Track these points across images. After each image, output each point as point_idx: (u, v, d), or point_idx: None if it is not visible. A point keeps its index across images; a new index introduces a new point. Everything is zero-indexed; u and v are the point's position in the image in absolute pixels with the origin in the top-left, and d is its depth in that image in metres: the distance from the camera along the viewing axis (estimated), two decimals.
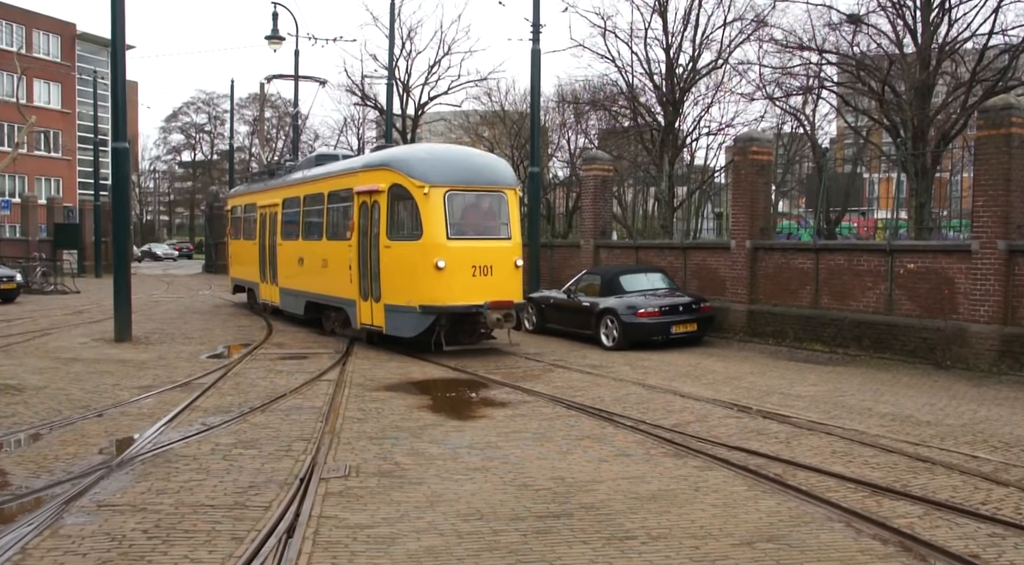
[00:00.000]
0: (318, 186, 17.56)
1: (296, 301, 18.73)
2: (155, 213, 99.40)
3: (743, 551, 5.44)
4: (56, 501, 6.33)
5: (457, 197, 14.18)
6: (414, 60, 40.40)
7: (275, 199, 20.36)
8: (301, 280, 18.37)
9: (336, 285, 16.20)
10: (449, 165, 14.42)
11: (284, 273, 19.48)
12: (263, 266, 21.30)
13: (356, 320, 15.51)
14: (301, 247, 18.37)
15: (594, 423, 9.22)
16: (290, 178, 20.07)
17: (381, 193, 14.47)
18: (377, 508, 6.25)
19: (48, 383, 11.48)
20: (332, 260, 16.42)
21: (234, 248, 25.72)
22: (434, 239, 13.77)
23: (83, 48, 61.54)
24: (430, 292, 13.82)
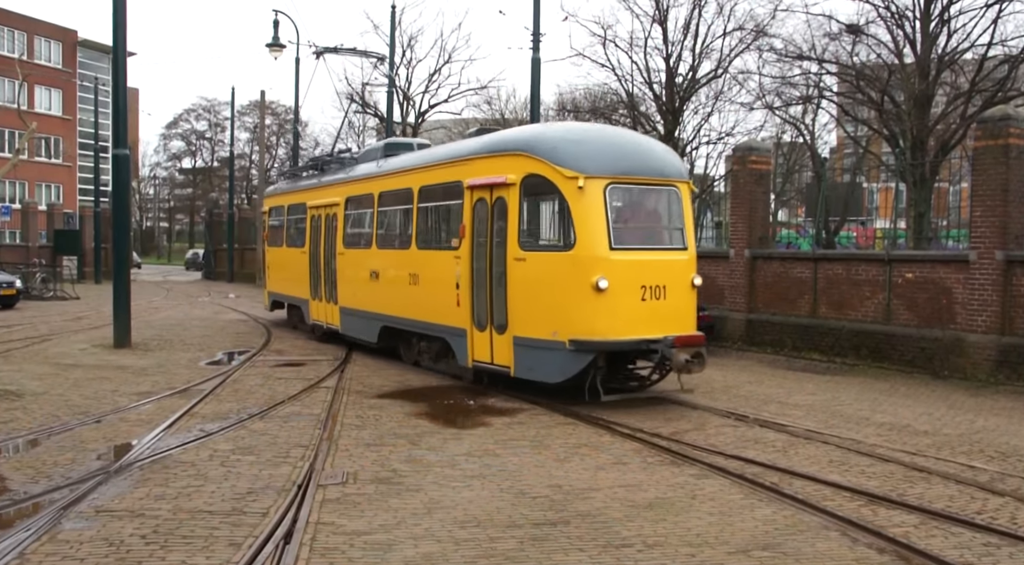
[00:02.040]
0: (403, 180, 13.97)
1: (366, 325, 15.06)
2: (155, 220, 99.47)
3: (739, 559, 5.46)
4: (54, 506, 6.34)
5: (621, 192, 10.76)
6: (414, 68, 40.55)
7: (333, 198, 16.67)
8: (375, 299, 14.69)
9: (433, 307, 12.55)
10: (610, 149, 10.89)
11: (348, 289, 15.83)
12: (316, 280, 17.55)
13: (466, 355, 11.78)
14: (375, 257, 14.79)
15: (591, 431, 9.24)
16: (356, 172, 16.33)
17: (510, 187, 10.96)
18: (374, 515, 6.27)
19: (47, 389, 11.50)
20: (428, 275, 12.85)
21: (273, 257, 21.44)
22: (592, 249, 10.22)
23: (84, 55, 61.76)
24: (586, 322, 10.21)
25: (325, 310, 17.04)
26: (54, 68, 56.77)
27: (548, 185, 10.70)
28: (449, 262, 12.02)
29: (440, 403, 11.07)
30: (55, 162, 57.83)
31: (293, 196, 19.75)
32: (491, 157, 11.51)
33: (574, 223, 10.34)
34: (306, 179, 19.79)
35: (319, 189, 17.79)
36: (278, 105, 68.85)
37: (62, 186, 58.94)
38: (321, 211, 17.34)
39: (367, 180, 15.45)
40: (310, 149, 66.33)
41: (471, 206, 11.65)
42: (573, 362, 10.30)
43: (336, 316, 16.41)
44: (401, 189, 13.94)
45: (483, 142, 12.06)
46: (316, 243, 17.55)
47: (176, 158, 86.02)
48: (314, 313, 17.73)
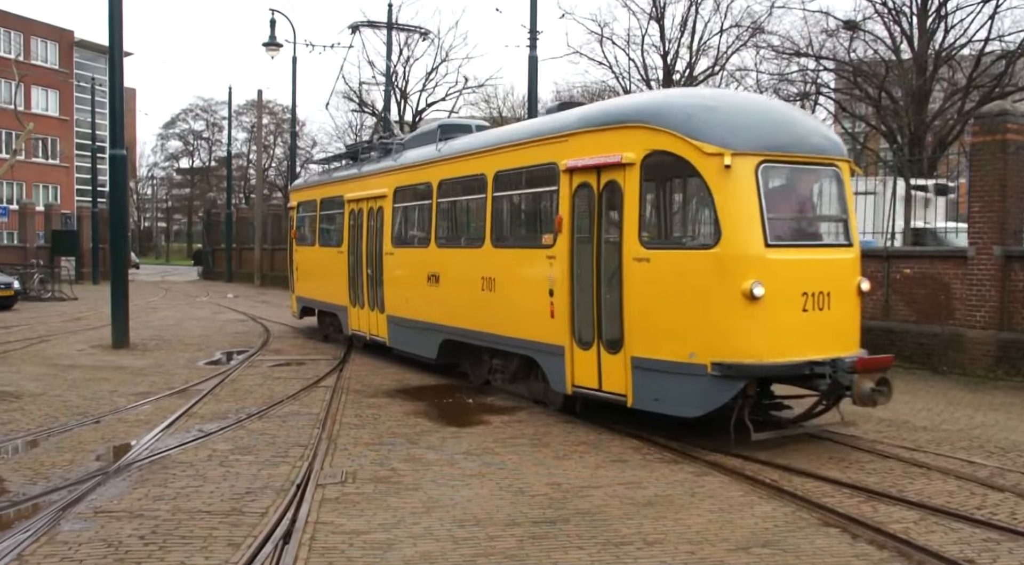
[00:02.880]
0: (472, 164, 11.61)
1: (422, 338, 12.77)
2: (153, 220, 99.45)
3: (738, 556, 5.46)
4: (53, 508, 6.33)
5: (776, 173, 8.49)
6: (411, 67, 40.46)
7: (378, 188, 14.42)
8: (435, 307, 12.33)
9: (516, 318, 10.38)
10: (761, 117, 8.78)
11: (399, 296, 13.52)
12: (356, 284, 15.30)
13: (563, 378, 9.51)
14: (435, 258, 12.43)
15: (590, 429, 9.23)
16: (406, 158, 13.91)
17: (626, 168, 8.72)
18: (374, 514, 6.26)
19: (45, 390, 11.48)
20: (508, 279, 10.69)
21: (303, 258, 18.92)
22: (743, 246, 8.04)
23: (81, 55, 61.74)
24: (735, 339, 8.01)
25: (368, 319, 14.79)
26: (51, 69, 56.73)
27: (680, 164, 8.59)
28: (539, 263, 9.87)
29: (439, 402, 11.06)
30: (52, 163, 57.79)
31: (327, 188, 17.40)
32: (598, 132, 9.26)
33: (718, 212, 8.11)
34: (342, 169, 17.33)
35: (359, 180, 15.56)
36: (275, 104, 68.87)
37: (59, 187, 58.92)
38: (362, 204, 15.09)
39: (423, 167, 13.04)
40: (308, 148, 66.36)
41: (570, 193, 9.49)
42: (717, 391, 8.02)
43: (382, 326, 14.09)
44: (470, 176, 11.67)
45: (585, 114, 9.82)
46: (356, 241, 15.31)
47: (174, 158, 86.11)
48: (354, 322, 15.46)
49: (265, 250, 41.76)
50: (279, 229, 41.75)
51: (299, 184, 20.86)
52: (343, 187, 16.31)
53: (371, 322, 14.67)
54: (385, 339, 14.04)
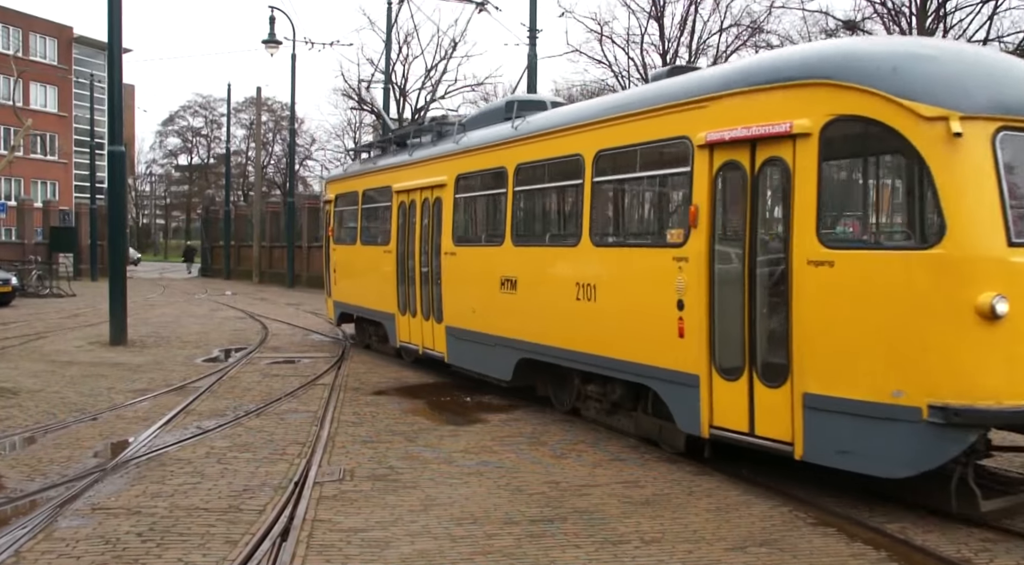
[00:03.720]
0: (564, 143, 9.34)
1: (492, 355, 10.65)
2: (151, 217, 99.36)
3: (736, 556, 5.46)
4: (50, 504, 6.33)
5: (1018, 145, 6.26)
6: (411, 64, 40.46)
7: (435, 176, 12.24)
8: (510, 318, 10.22)
9: (625, 335, 8.29)
10: (993, 71, 6.58)
11: (462, 303, 11.40)
12: (407, 289, 13.12)
13: (696, 415, 7.36)
14: (509, 259, 10.29)
15: (589, 428, 9.23)
16: (470, 140, 11.58)
17: (797, 140, 6.63)
18: (371, 512, 6.26)
19: (43, 386, 11.48)
20: (614, 286, 8.48)
21: (342, 258, 16.66)
22: (976, 246, 5.97)
23: (80, 51, 61.60)
24: (962, 374, 5.95)
25: (421, 330, 12.60)
26: (50, 65, 56.60)
27: (881, 134, 6.35)
28: (662, 267, 7.62)
29: (437, 400, 11.06)
30: (51, 159, 57.71)
31: (370, 178, 15.25)
32: (754, 92, 7.00)
33: (940, 198, 5.97)
34: (388, 156, 14.97)
35: (410, 167, 13.38)
36: (274, 101, 68.79)
37: (58, 183, 58.84)
38: (414, 196, 12.94)
39: (494, 149, 10.84)
40: (307, 146, 66.37)
41: (709, 176, 7.29)
42: (939, 445, 5.88)
43: (439, 340, 11.96)
44: (560, 158, 9.46)
45: (736, 71, 7.53)
46: (407, 239, 13.18)
47: (172, 155, 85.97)
48: (403, 333, 13.32)
49: (263, 247, 41.73)
50: (277, 227, 41.76)
51: (337, 174, 18.63)
52: (390, 176, 14.12)
53: (425, 334, 12.50)
54: (443, 354, 11.88)
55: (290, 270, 37.36)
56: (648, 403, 8.31)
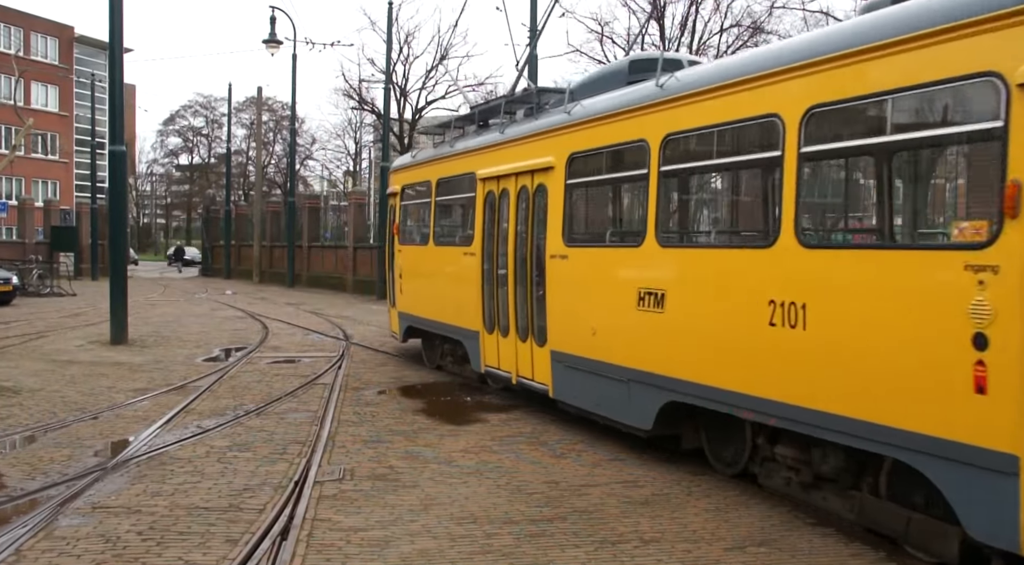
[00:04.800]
0: (744, 102, 6.65)
1: (622, 393, 8.05)
2: (152, 216, 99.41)
3: (735, 555, 5.47)
4: (51, 503, 6.34)
5: None
6: (411, 64, 40.51)
7: (536, 158, 9.73)
8: (652, 346, 7.66)
9: (864, 385, 5.52)
10: None
11: (574, 321, 8.87)
12: (495, 300, 10.62)
13: (1012, 523, 4.59)
14: (653, 265, 7.71)
15: (589, 428, 9.23)
16: (587, 109, 8.90)
17: None
18: (371, 511, 6.27)
19: (44, 385, 11.49)
20: (838, 308, 5.74)
21: (410, 261, 13.98)
22: None
23: (81, 51, 61.62)
24: None
25: (516, 353, 10.06)
26: (51, 64, 56.62)
27: None
28: (942, 279, 5.04)
29: (437, 400, 11.07)
30: (52, 158, 57.74)
31: (447, 164, 12.54)
32: None
33: None
34: (470, 136, 12.28)
35: (501, 148, 10.76)
36: (275, 101, 68.78)
37: (59, 182, 58.86)
38: (507, 183, 10.40)
39: (629, 116, 8.01)
40: (307, 145, 66.38)
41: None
42: None
43: (542, 367, 9.44)
44: (739, 122, 6.74)
45: None
46: (496, 238, 10.68)
47: (173, 154, 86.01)
48: (489, 355, 10.76)
49: (264, 247, 41.75)
50: (277, 226, 41.78)
51: (404, 162, 15.29)
52: (473, 160, 11.51)
53: (521, 359, 9.94)
54: (546, 387, 9.33)
55: (290, 270, 37.37)
56: (883, 480, 5.75)
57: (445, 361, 13.14)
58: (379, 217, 31.16)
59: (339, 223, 39.12)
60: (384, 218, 29.78)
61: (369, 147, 65.88)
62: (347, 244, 34.26)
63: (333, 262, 36.06)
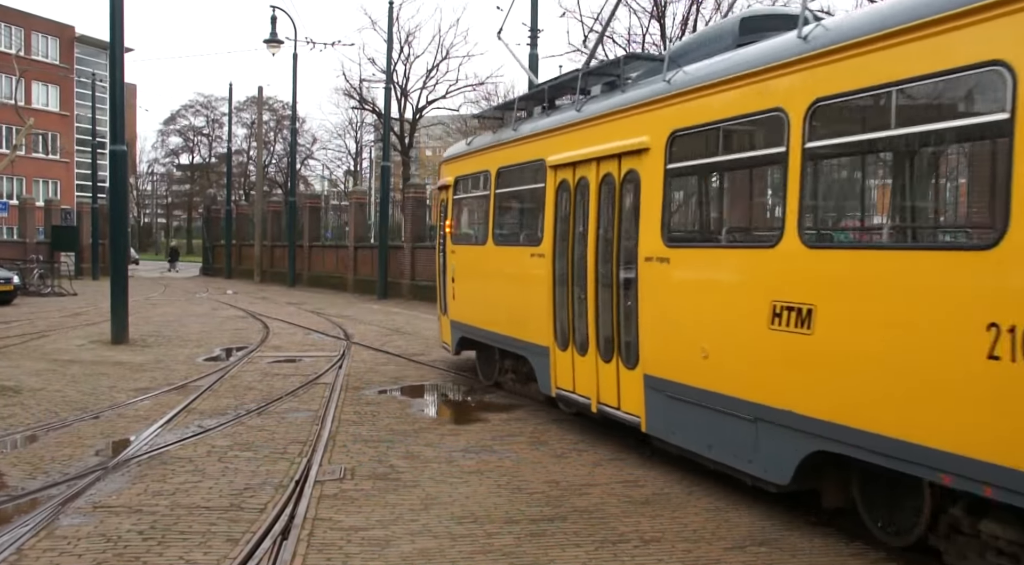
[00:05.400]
0: (935, 49, 4.76)
1: (746, 435, 6.30)
2: (153, 216, 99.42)
3: (735, 555, 5.48)
4: (52, 502, 6.35)
5: None
6: (412, 64, 40.52)
7: (623, 138, 8.00)
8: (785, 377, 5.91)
9: None
10: None
11: (678, 340, 7.16)
12: (569, 310, 8.95)
13: None
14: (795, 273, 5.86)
15: (589, 427, 9.24)
16: (692, 74, 7.13)
17: None
18: (372, 510, 6.28)
19: (45, 385, 11.49)
20: None
21: (465, 262, 12.26)
22: None
23: (82, 51, 61.64)
24: None
25: (596, 375, 8.39)
26: (52, 64, 56.62)
27: None
28: None
29: (438, 399, 11.08)
30: (52, 158, 57.75)
31: (510, 151, 10.79)
32: None
33: None
34: (536, 118, 10.54)
35: (577, 128, 9.02)
36: (276, 101, 68.83)
37: (59, 182, 58.88)
38: (586, 170, 8.70)
39: (757, 80, 6.29)
40: (308, 145, 66.37)
41: None
42: None
43: (632, 394, 7.77)
44: (935, 76, 4.93)
45: None
46: (572, 236, 8.99)
47: (174, 154, 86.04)
48: (562, 375, 9.12)
49: (265, 246, 41.77)
50: (278, 226, 41.80)
51: (458, 150, 13.23)
52: (543, 145, 9.79)
53: (604, 382, 8.27)
54: (637, 418, 7.64)
55: (291, 269, 37.39)
56: None
57: (505, 378, 11.35)
58: (379, 217, 31.17)
59: (340, 223, 39.16)
60: (384, 217, 30.03)
61: (370, 147, 65.94)
62: (348, 244, 34.29)
63: (334, 262, 36.08)
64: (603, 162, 8.38)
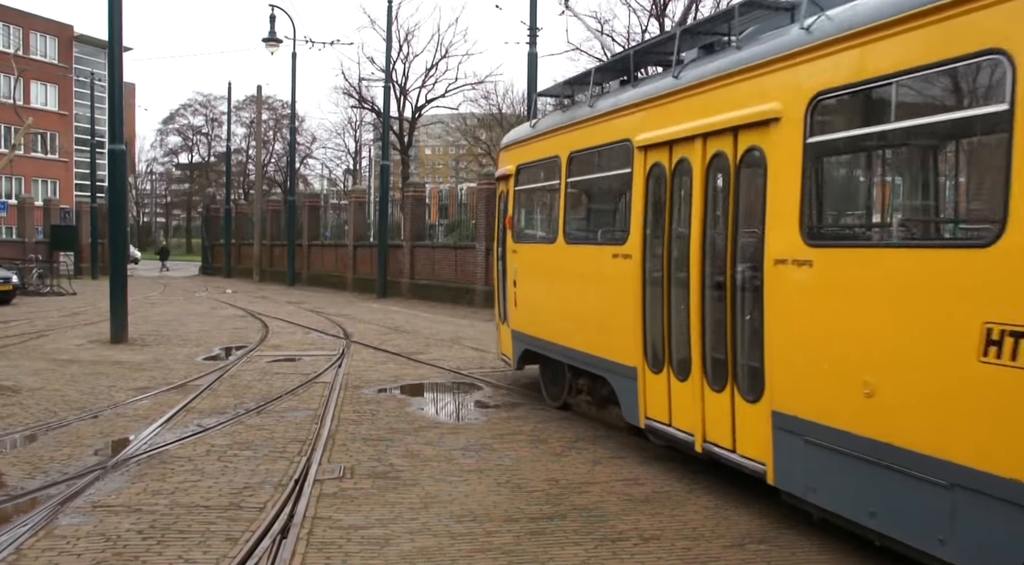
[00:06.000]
0: None
1: (947, 511, 4.43)
2: (152, 215, 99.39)
3: (735, 553, 5.48)
4: (51, 502, 6.34)
5: None
6: (411, 63, 40.54)
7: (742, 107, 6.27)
8: (1003, 430, 4.08)
9: None
10: None
11: (826, 368, 5.35)
12: (664, 324, 7.34)
13: None
14: None
15: (588, 425, 9.24)
16: (853, 14, 5.25)
17: None
18: (371, 509, 6.27)
19: (44, 384, 11.49)
20: None
21: (529, 264, 10.75)
22: None
23: (80, 50, 61.56)
24: None
25: (702, 406, 6.80)
26: (50, 63, 56.59)
27: None
28: None
29: (437, 397, 11.08)
30: (51, 158, 57.70)
31: (584, 132, 9.15)
32: None
33: None
34: (618, 92, 8.78)
35: (674, 100, 7.37)
36: (275, 100, 68.89)
37: (58, 181, 58.85)
38: (688, 151, 7.06)
39: (951, 15, 4.50)
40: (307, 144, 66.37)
41: None
42: None
43: (755, 435, 6.13)
44: None
45: None
46: (667, 232, 7.43)
47: (173, 153, 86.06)
48: (655, 403, 7.53)
49: (264, 246, 41.77)
50: (278, 225, 41.80)
51: (520, 134, 11.46)
52: (629, 121, 8.09)
53: (711, 415, 6.69)
54: (762, 466, 6.05)
55: (290, 268, 37.39)
56: None
57: (576, 400, 9.74)
58: (379, 216, 31.16)
59: (339, 222, 39.16)
60: (384, 217, 30.01)
61: (369, 145, 65.93)
62: (347, 243, 34.29)
63: (333, 260, 36.07)
64: (712, 139, 6.69)
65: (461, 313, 23.31)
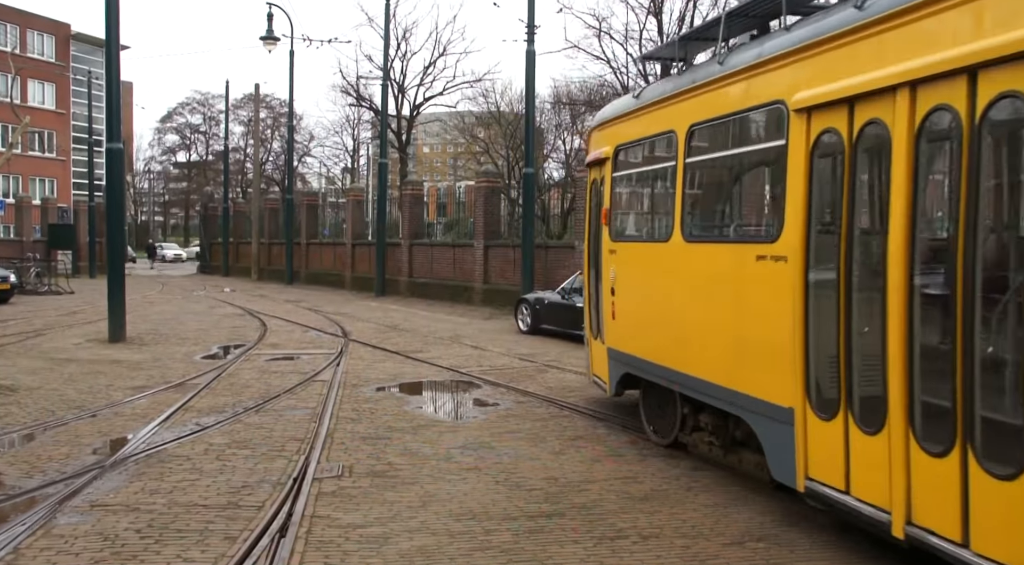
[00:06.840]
0: None
1: None
2: (150, 214, 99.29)
3: (733, 550, 5.47)
4: (49, 501, 6.33)
5: None
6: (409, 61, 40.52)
7: (988, 37, 4.01)
8: None
9: None
10: None
11: None
12: (829, 351, 5.34)
13: None
14: None
15: (587, 423, 9.24)
16: None
17: None
18: (370, 508, 6.27)
19: (42, 383, 11.47)
20: None
21: (632, 266, 8.72)
22: None
23: (77, 48, 61.45)
24: None
25: (907, 474, 4.62)
26: (47, 62, 56.51)
27: None
28: None
29: (436, 396, 11.08)
30: (49, 156, 57.62)
31: (708, 97, 7.03)
32: None
33: None
34: (752, 44, 6.80)
35: (852, 39, 5.19)
36: (272, 98, 68.70)
37: (56, 180, 58.76)
38: (881, 110, 4.91)
39: None
40: (305, 142, 66.28)
41: None
42: None
43: (1009, 527, 3.95)
44: None
45: None
46: (843, 228, 5.27)
47: (170, 152, 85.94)
48: (823, 460, 5.46)
49: (262, 244, 41.73)
50: (276, 223, 41.78)
51: (620, 108, 9.40)
52: (780, 77, 6.03)
53: (920, 487, 4.58)
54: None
55: (289, 267, 37.36)
56: None
57: (694, 439, 7.72)
58: (377, 214, 31.16)
59: (337, 220, 39.15)
60: (382, 215, 30.01)
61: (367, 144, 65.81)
62: (345, 241, 34.27)
63: (332, 259, 36.06)
64: (929, 88, 4.58)
65: (459, 311, 23.32)
